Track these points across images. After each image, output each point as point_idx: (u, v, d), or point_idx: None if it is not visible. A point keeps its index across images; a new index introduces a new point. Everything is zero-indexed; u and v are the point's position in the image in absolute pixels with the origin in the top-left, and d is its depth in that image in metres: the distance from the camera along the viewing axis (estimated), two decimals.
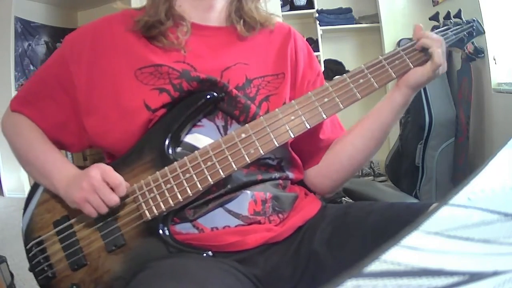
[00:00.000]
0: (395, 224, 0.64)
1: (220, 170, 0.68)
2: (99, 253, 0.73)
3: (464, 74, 2.49)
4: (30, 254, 0.77)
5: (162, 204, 0.69)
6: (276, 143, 0.69)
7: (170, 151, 0.72)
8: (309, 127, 0.70)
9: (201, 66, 0.75)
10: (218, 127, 0.75)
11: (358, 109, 0.73)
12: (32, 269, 0.77)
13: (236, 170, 0.69)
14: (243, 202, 0.73)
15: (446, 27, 0.80)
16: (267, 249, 0.73)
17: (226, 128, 0.75)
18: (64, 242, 0.74)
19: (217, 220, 0.72)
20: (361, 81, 0.72)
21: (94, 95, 0.75)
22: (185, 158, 0.70)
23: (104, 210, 0.69)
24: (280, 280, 0.71)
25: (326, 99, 0.71)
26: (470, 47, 0.84)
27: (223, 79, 0.75)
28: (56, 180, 0.74)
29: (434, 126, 2.55)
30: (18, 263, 1.91)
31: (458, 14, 0.83)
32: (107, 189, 0.68)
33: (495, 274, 0.24)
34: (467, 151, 2.47)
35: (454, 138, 2.57)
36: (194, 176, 0.69)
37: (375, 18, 3.38)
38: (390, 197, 1.00)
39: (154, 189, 0.70)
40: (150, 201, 0.70)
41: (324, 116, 0.71)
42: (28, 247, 0.77)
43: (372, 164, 3.45)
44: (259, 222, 0.74)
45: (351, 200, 1.11)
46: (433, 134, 2.56)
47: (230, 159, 0.68)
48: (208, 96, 0.73)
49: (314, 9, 3.46)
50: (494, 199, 0.32)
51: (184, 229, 0.73)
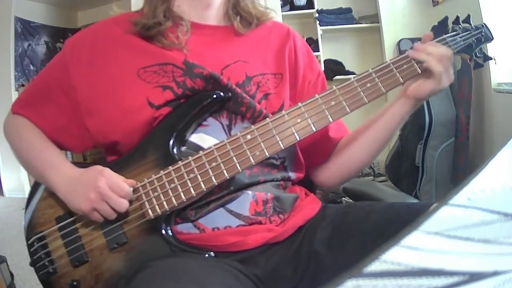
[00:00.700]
0: (395, 224, 0.64)
1: (224, 171, 0.68)
2: (101, 250, 0.73)
3: (464, 74, 2.49)
4: (31, 249, 0.77)
5: (165, 203, 0.69)
6: (281, 146, 0.69)
7: (175, 151, 0.72)
8: (315, 130, 0.70)
9: (201, 65, 0.75)
10: (223, 126, 0.75)
11: (359, 111, 0.73)
12: (32, 264, 0.77)
13: (240, 171, 0.69)
14: (244, 202, 0.73)
15: (455, 33, 0.79)
16: (268, 249, 0.73)
17: (230, 127, 0.75)
18: (66, 238, 0.74)
19: (218, 220, 0.72)
20: (368, 85, 0.72)
21: (95, 96, 0.76)
22: (189, 158, 0.70)
23: (114, 216, 0.70)
24: (280, 280, 0.71)
25: (333, 102, 0.71)
26: (476, 53, 0.83)
27: (223, 77, 0.75)
28: (53, 182, 0.74)
29: (434, 126, 2.55)
30: (18, 263, 1.92)
31: (467, 19, 0.82)
32: (115, 196, 0.68)
33: (495, 274, 0.24)
34: (467, 151, 2.47)
35: (454, 138, 2.57)
36: (199, 176, 0.69)
37: (375, 18, 3.38)
38: (390, 197, 1.00)
39: (158, 188, 0.70)
40: (154, 200, 0.70)
41: (330, 119, 0.71)
42: (29, 242, 0.77)
43: (372, 164, 3.45)
44: (260, 222, 0.74)
45: (351, 200, 1.11)
46: (433, 134, 2.56)
47: (235, 160, 0.68)
48: (214, 95, 0.73)
49: (314, 9, 3.46)
50: (494, 199, 0.32)
51: (185, 229, 0.73)
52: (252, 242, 0.71)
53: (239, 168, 0.68)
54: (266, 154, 0.69)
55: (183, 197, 0.69)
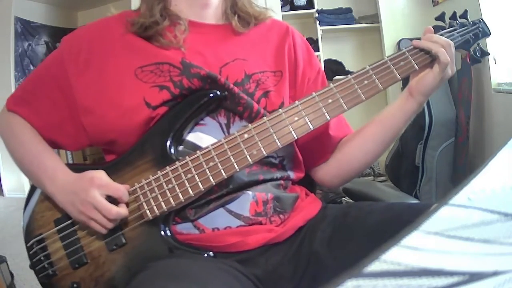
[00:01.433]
0: (396, 224, 0.64)
1: (222, 171, 0.68)
2: (100, 252, 0.73)
3: (464, 74, 2.49)
4: (31, 252, 0.77)
5: (163, 204, 0.69)
6: (279, 144, 0.69)
7: (172, 150, 0.72)
8: (312, 128, 0.70)
9: (200, 63, 0.75)
10: (220, 125, 0.75)
11: (359, 110, 0.73)
12: (32, 266, 0.77)
13: (238, 171, 0.69)
14: (245, 202, 0.73)
15: (452, 28, 0.80)
16: (268, 249, 0.73)
17: (228, 126, 0.75)
18: (65, 240, 0.74)
19: (218, 220, 0.72)
20: (365, 82, 0.72)
21: (92, 95, 0.75)
22: (187, 158, 0.70)
23: (111, 225, 0.70)
24: (280, 280, 0.71)
25: (330, 100, 0.71)
26: (474, 49, 0.83)
27: (222, 76, 0.75)
28: (50, 191, 0.74)
29: (434, 126, 2.55)
30: (18, 263, 1.91)
31: (465, 15, 0.82)
32: (108, 206, 0.68)
33: (495, 274, 0.24)
34: (467, 151, 2.47)
35: (454, 138, 2.57)
36: (196, 176, 0.69)
37: (375, 18, 3.37)
38: (390, 197, 1.00)
39: (156, 188, 0.70)
40: (152, 200, 0.70)
41: (328, 117, 0.70)
42: (29, 245, 0.77)
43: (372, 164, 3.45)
44: (260, 223, 0.74)
45: (351, 200, 1.11)
46: (433, 134, 2.56)
47: (233, 160, 0.68)
48: (211, 94, 0.73)
49: (314, 9, 3.46)
50: (494, 199, 0.32)
51: (185, 229, 0.73)
52: (252, 242, 0.71)
53: (237, 167, 0.68)
54: (264, 153, 0.69)
55: (181, 197, 0.69)
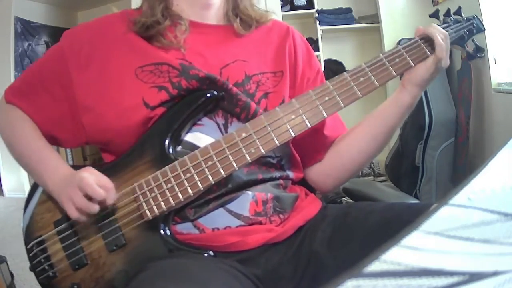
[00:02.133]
0: (396, 224, 0.63)
1: (221, 170, 0.68)
2: (100, 253, 0.73)
3: (464, 74, 2.49)
4: (31, 254, 0.76)
5: (163, 203, 0.69)
6: (277, 142, 0.69)
7: (171, 150, 0.72)
8: (309, 126, 0.70)
9: (200, 64, 0.75)
10: (218, 125, 0.75)
11: (357, 108, 0.73)
12: (33, 268, 0.77)
13: (237, 169, 0.69)
14: (244, 202, 0.73)
15: (446, 25, 0.80)
16: (268, 249, 0.73)
17: (226, 126, 0.75)
18: (64, 242, 0.74)
19: (218, 220, 0.72)
20: (361, 79, 0.72)
21: (92, 92, 0.75)
22: (185, 157, 0.70)
23: (91, 208, 0.68)
24: (280, 280, 0.71)
25: (326, 98, 0.71)
26: (470, 46, 0.84)
27: (222, 76, 0.75)
28: (49, 185, 0.74)
29: (434, 126, 2.55)
30: (18, 263, 1.91)
31: (458, 11, 0.82)
32: (94, 186, 0.67)
33: (495, 274, 0.24)
34: (467, 151, 2.47)
35: (454, 138, 2.57)
36: (195, 175, 0.69)
37: (375, 18, 3.37)
38: (390, 197, 1.00)
39: (155, 188, 0.70)
40: (151, 200, 0.70)
41: (325, 114, 0.71)
42: (28, 247, 0.77)
43: (372, 164, 3.45)
44: (260, 223, 0.74)
45: (351, 200, 1.11)
46: (433, 134, 2.56)
47: (231, 159, 0.69)
48: (208, 94, 0.73)
49: (314, 9, 3.46)
50: (494, 199, 0.32)
51: (185, 229, 0.73)
52: (252, 242, 0.71)
53: (235, 166, 0.68)
54: (262, 151, 0.69)
55: (180, 196, 0.69)
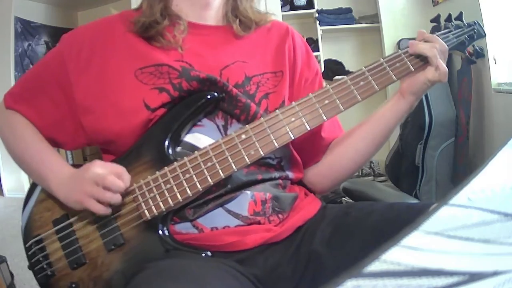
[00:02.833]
0: (396, 224, 0.64)
1: (220, 171, 0.68)
2: (98, 252, 0.73)
3: (464, 74, 2.49)
4: (30, 253, 0.76)
5: (161, 204, 0.69)
6: (276, 145, 0.69)
7: (170, 151, 0.72)
8: (309, 129, 0.70)
9: (199, 65, 0.75)
10: (218, 127, 0.75)
11: (356, 111, 0.73)
12: (31, 267, 0.77)
13: (236, 171, 0.69)
14: (243, 202, 0.73)
15: (447, 30, 0.80)
16: (267, 249, 0.73)
17: (226, 127, 0.75)
18: (63, 241, 0.74)
19: (217, 220, 0.72)
20: (361, 83, 0.72)
21: (92, 94, 0.75)
22: (185, 158, 0.70)
23: (114, 199, 0.68)
24: (280, 280, 0.71)
25: (326, 101, 0.71)
26: (470, 49, 0.84)
27: (222, 78, 0.75)
28: (53, 185, 0.74)
29: (434, 126, 2.55)
30: (18, 263, 1.91)
31: (460, 17, 0.82)
32: (112, 177, 0.68)
33: (495, 274, 0.24)
34: (467, 151, 2.47)
35: (454, 138, 2.57)
36: (194, 176, 0.69)
37: (375, 18, 3.38)
38: (390, 197, 1.00)
39: (154, 189, 0.70)
40: (150, 201, 0.70)
41: (324, 117, 0.71)
42: (27, 246, 0.77)
43: (372, 164, 3.45)
44: (259, 223, 0.74)
45: (351, 200, 1.11)
46: (433, 134, 2.56)
47: (230, 160, 0.69)
48: (208, 96, 0.73)
49: (314, 9, 3.46)
50: (494, 199, 0.32)
51: (184, 229, 0.73)
52: (250, 242, 0.71)
53: (234, 167, 0.68)
54: (261, 153, 0.69)
55: (179, 197, 0.69)
